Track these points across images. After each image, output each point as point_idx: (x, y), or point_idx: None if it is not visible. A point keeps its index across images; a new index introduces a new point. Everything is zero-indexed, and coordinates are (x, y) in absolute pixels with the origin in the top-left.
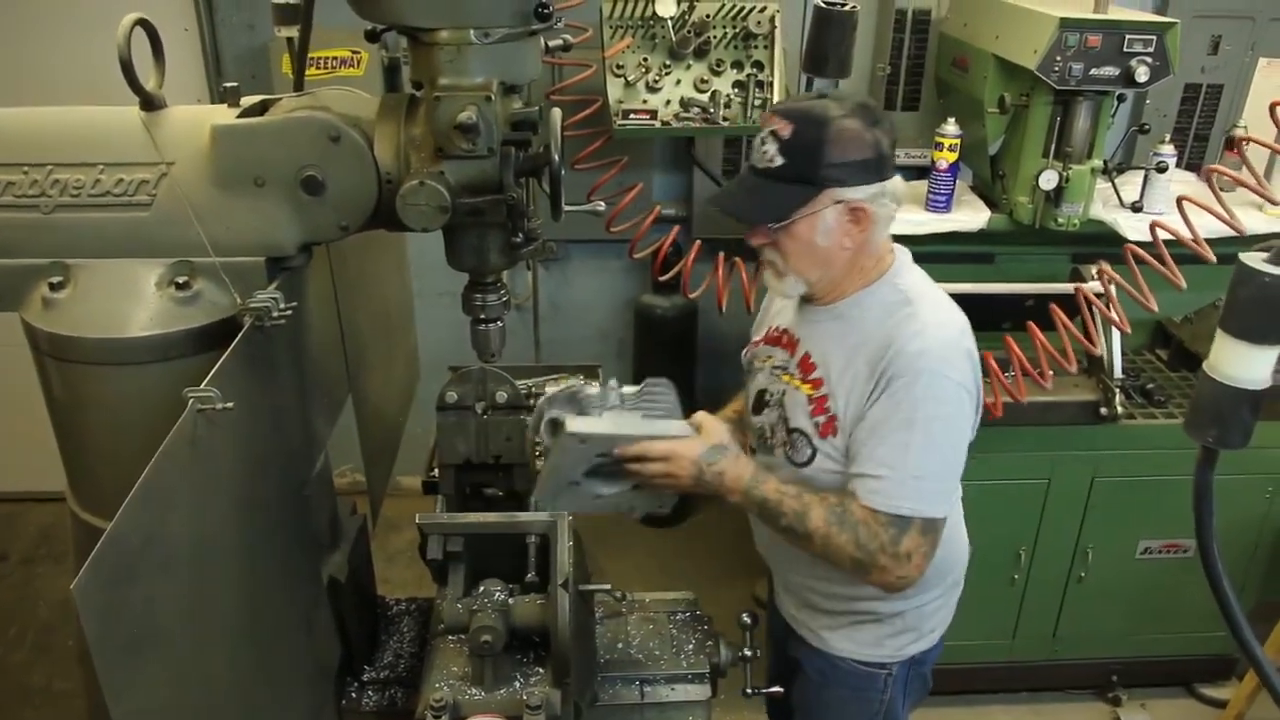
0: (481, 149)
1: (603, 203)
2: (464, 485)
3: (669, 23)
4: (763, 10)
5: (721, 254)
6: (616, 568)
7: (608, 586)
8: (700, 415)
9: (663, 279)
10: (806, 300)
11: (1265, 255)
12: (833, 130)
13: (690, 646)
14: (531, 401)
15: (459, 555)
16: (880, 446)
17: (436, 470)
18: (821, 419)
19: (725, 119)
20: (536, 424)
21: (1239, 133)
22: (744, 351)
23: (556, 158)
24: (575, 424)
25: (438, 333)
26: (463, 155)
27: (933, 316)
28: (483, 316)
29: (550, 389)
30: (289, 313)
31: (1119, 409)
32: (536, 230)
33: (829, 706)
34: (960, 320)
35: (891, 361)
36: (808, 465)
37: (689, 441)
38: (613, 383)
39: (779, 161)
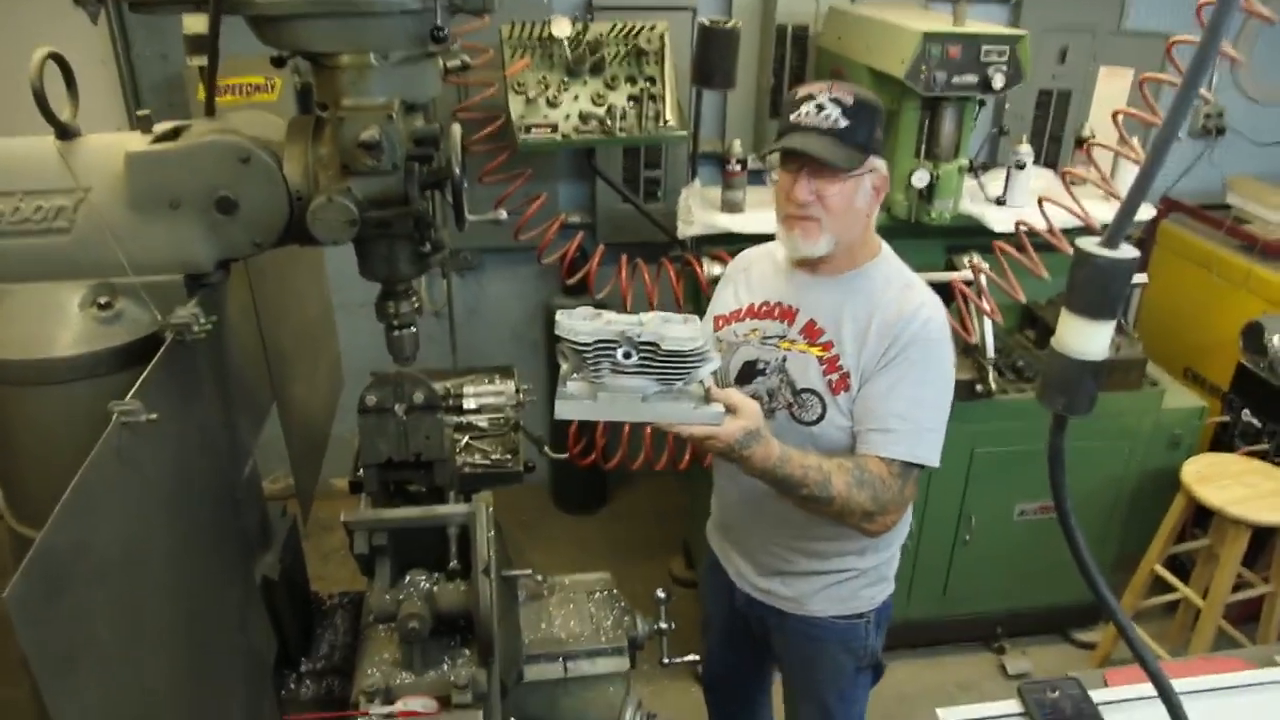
0: (386, 165)
1: (505, 212)
2: (387, 483)
3: (565, 43)
4: (652, 29)
5: (624, 256)
6: (539, 553)
7: (529, 571)
8: (734, 395)
9: (570, 281)
10: (806, 272)
11: (1098, 240)
12: (880, 107)
13: (608, 623)
14: (450, 401)
15: (385, 549)
16: (898, 402)
17: (361, 470)
18: (834, 376)
19: (622, 130)
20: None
21: (1086, 134)
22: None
23: (458, 171)
24: (610, 406)
25: (360, 340)
26: (368, 171)
27: (929, 296)
28: (396, 323)
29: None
30: (209, 327)
31: (993, 386)
32: (443, 240)
33: (819, 663)
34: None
35: (904, 330)
36: (817, 424)
37: (728, 426)
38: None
39: (844, 124)
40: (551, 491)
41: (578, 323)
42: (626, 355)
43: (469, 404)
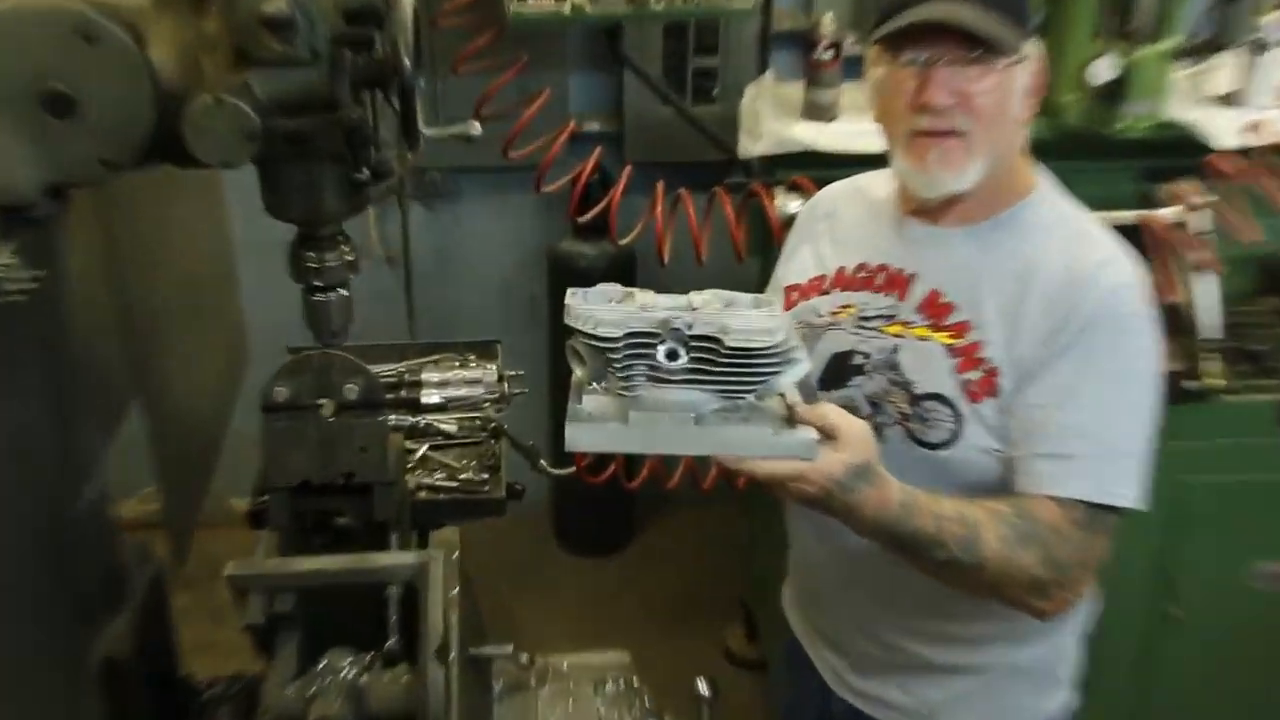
0: (302, 51)
1: (477, 123)
2: (303, 515)
3: None
4: None
5: (661, 183)
6: (536, 614)
7: (508, 649)
8: (832, 413)
9: (583, 219)
10: (924, 220)
11: None
12: None
13: None
14: (402, 393)
15: (291, 617)
16: (1077, 413)
17: (265, 497)
18: (974, 375)
19: None
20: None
21: None
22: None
23: (409, 62)
24: (646, 433)
25: (280, 300)
26: (276, 60)
27: (1116, 249)
28: (317, 283)
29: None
30: (33, 284)
31: (1214, 380)
32: (389, 162)
33: None
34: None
35: (1081, 301)
36: (948, 447)
37: (824, 462)
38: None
39: None
40: (553, 524)
41: (599, 308)
42: (672, 355)
43: (430, 398)
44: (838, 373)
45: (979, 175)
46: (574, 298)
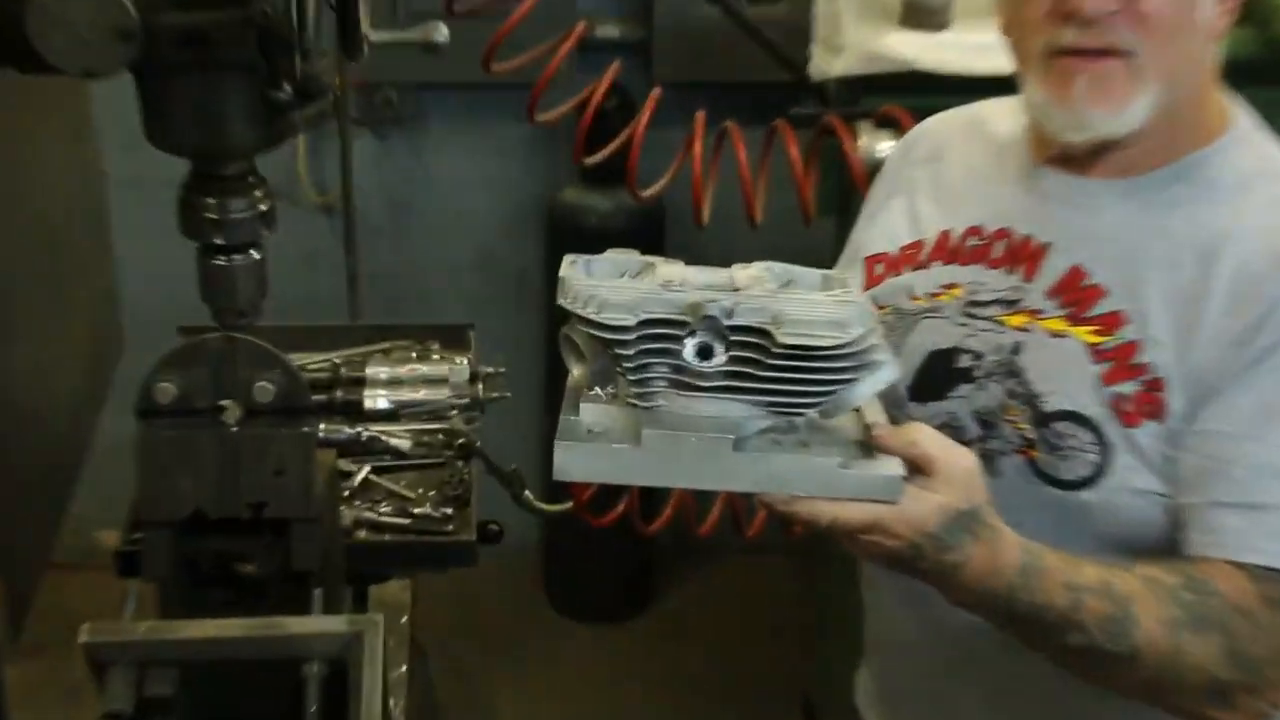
0: None
1: (444, 27)
2: (192, 560)
3: None
4: None
5: (701, 113)
6: (518, 701)
7: None
8: (925, 437)
9: (592, 160)
10: (1067, 170)
11: None
12: None
13: None
14: (337, 395)
15: (170, 704)
16: (1278, 449)
17: (140, 535)
18: (1129, 388)
19: None
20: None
21: None
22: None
23: None
24: (666, 459)
25: (168, 261)
26: None
27: None
28: (219, 241)
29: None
30: None
31: None
32: (320, 78)
33: None
34: None
35: None
36: (1088, 486)
37: (913, 506)
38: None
39: None
40: (544, 578)
41: (605, 284)
42: (704, 353)
43: (376, 402)
44: (936, 379)
45: (1147, 111)
46: (572, 268)
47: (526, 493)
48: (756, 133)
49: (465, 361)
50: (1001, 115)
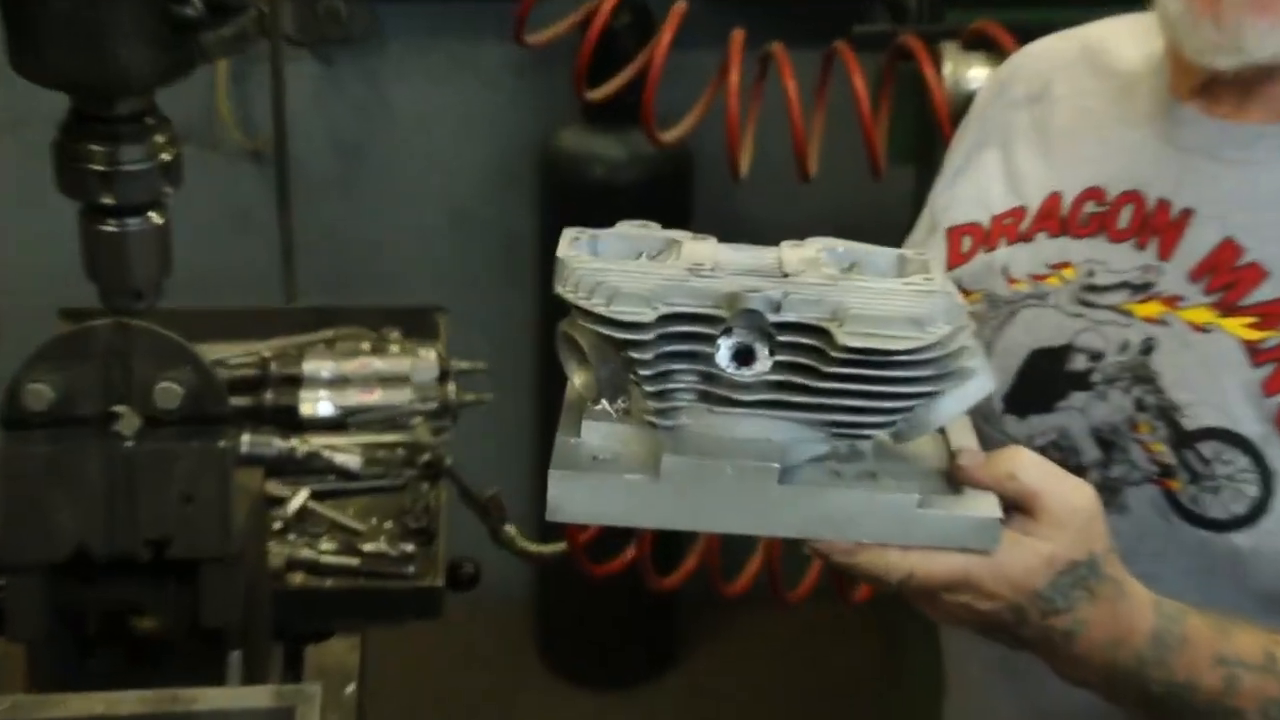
0: None
1: None
2: (73, 613)
3: None
4: None
5: (741, 32)
6: None
7: None
8: (1026, 465)
9: (597, 94)
10: (1212, 112)
11: None
12: None
13: None
14: (266, 398)
15: None
16: None
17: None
18: None
19: None
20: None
21: None
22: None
23: None
24: (690, 495)
25: (42, 225)
26: None
27: None
28: (107, 200)
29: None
30: None
31: None
32: None
33: None
34: None
35: None
36: (1245, 526)
37: (1017, 555)
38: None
39: None
40: (536, 632)
41: (614, 267)
42: (743, 357)
43: (316, 407)
44: (1041, 386)
45: None
46: (573, 247)
47: (509, 526)
48: (811, 57)
49: (434, 355)
50: (1126, 40)
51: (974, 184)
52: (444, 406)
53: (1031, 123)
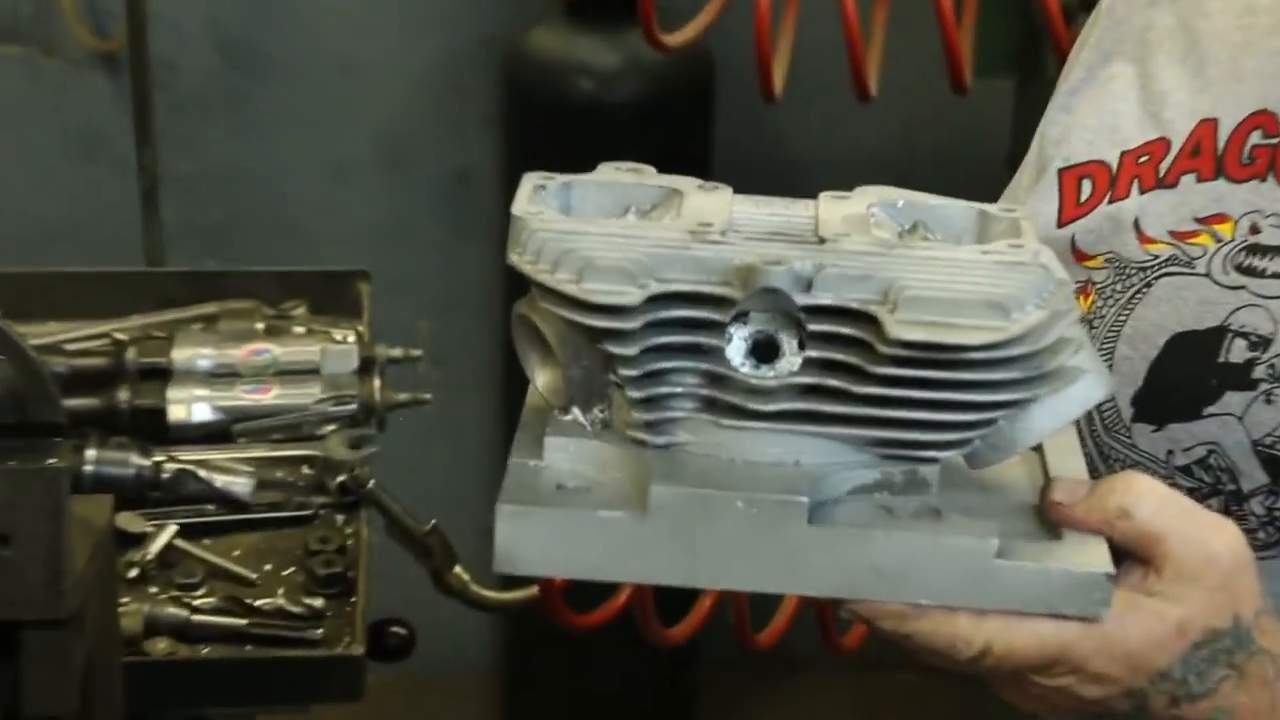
0: None
1: None
2: None
3: None
4: None
5: None
6: None
7: None
8: (1144, 499)
9: None
10: None
11: None
12: None
13: None
14: (119, 398)
15: None
16: None
17: None
18: None
19: None
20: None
21: None
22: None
23: None
24: (681, 539)
25: None
26: None
27: None
28: None
29: None
30: None
31: None
32: None
33: None
34: None
35: None
36: None
37: (1130, 622)
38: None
39: None
40: (506, 711)
41: (591, 229)
42: (763, 352)
43: (188, 411)
44: (1184, 383)
45: None
46: (535, 198)
47: (459, 569)
48: None
49: (353, 339)
50: None
51: (1098, 108)
52: (367, 409)
53: (1178, 25)
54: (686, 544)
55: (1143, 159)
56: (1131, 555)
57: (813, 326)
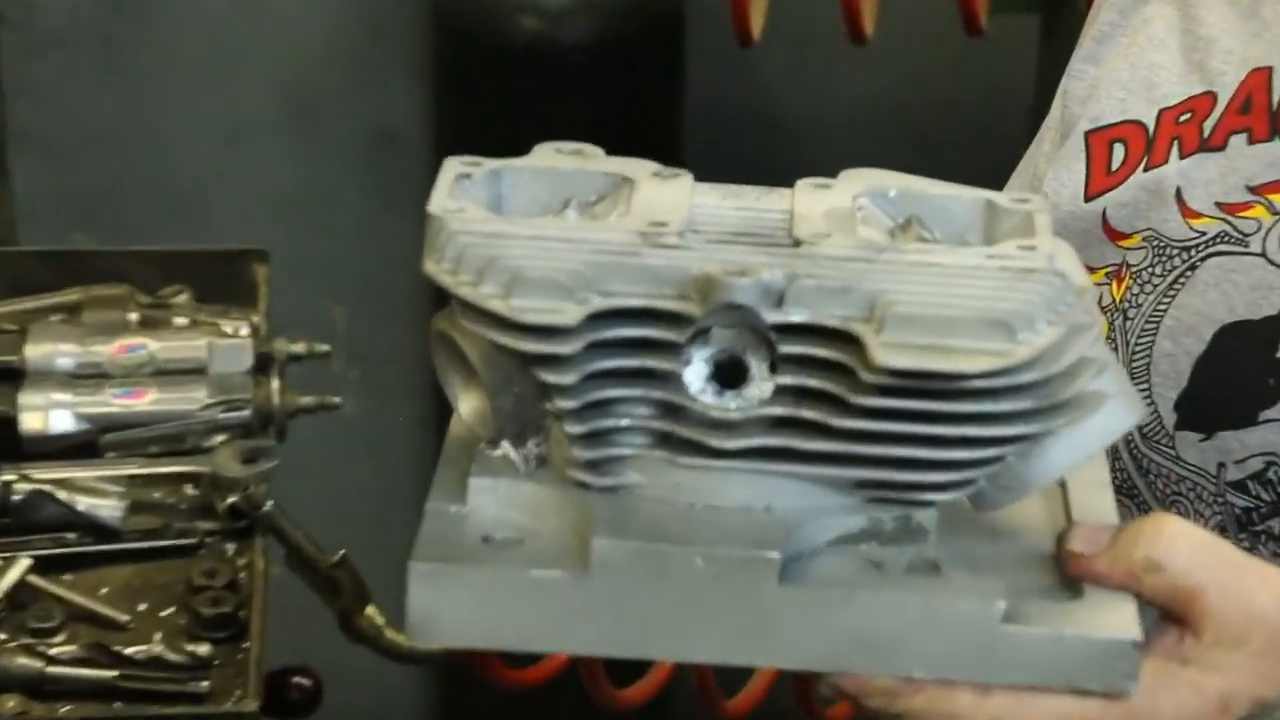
0: None
1: None
2: None
3: None
4: None
5: None
6: None
7: None
8: (1170, 544)
9: None
10: None
11: None
12: None
13: None
14: None
15: None
16: None
17: None
18: None
19: None
20: None
21: None
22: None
23: None
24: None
25: None
26: None
27: None
28: None
29: None
30: None
31: None
32: None
33: None
34: None
35: None
36: None
37: (1162, 694)
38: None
39: None
40: None
41: (522, 229)
42: (726, 375)
43: (45, 420)
44: (1237, 383)
45: None
46: (457, 190)
47: (372, 610)
48: None
49: (247, 331)
50: None
51: (1131, 59)
52: (264, 416)
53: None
54: (636, 609)
55: (1184, 118)
56: (1167, 614)
57: (785, 348)
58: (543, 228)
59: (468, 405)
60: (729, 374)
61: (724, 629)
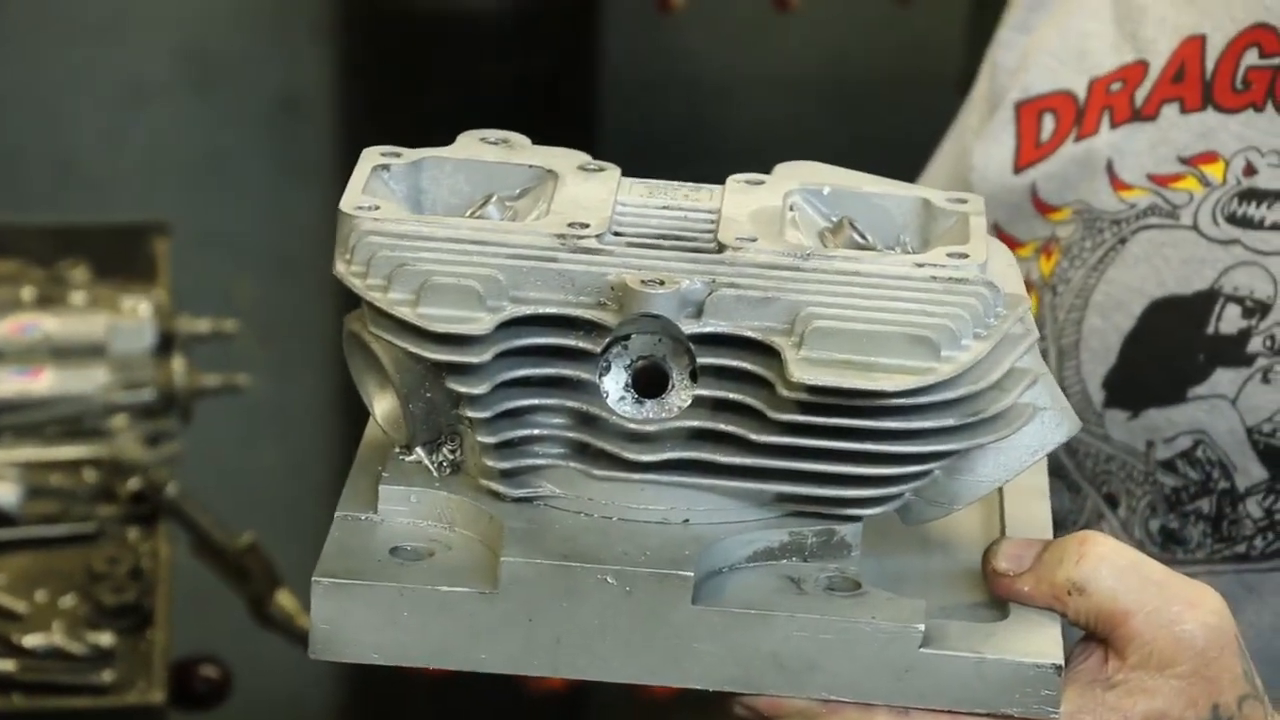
0: None
1: None
2: None
3: None
4: None
5: None
6: None
7: None
8: (1095, 561)
9: None
10: None
11: None
12: None
13: None
14: None
15: None
16: None
17: None
18: None
19: None
20: None
21: None
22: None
23: None
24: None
25: None
26: None
27: None
28: None
29: None
30: None
31: None
32: None
33: None
34: None
35: None
36: None
37: (1089, 718)
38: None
39: None
40: None
41: (437, 228)
42: (644, 386)
43: None
44: (1167, 359)
45: None
46: (372, 184)
47: (283, 595)
48: None
49: (147, 308)
50: None
51: (1062, 27)
52: (167, 397)
53: None
54: (546, 627)
55: (1116, 87)
56: (1091, 635)
57: (704, 360)
58: (458, 229)
59: (381, 408)
60: (648, 381)
61: (637, 648)
